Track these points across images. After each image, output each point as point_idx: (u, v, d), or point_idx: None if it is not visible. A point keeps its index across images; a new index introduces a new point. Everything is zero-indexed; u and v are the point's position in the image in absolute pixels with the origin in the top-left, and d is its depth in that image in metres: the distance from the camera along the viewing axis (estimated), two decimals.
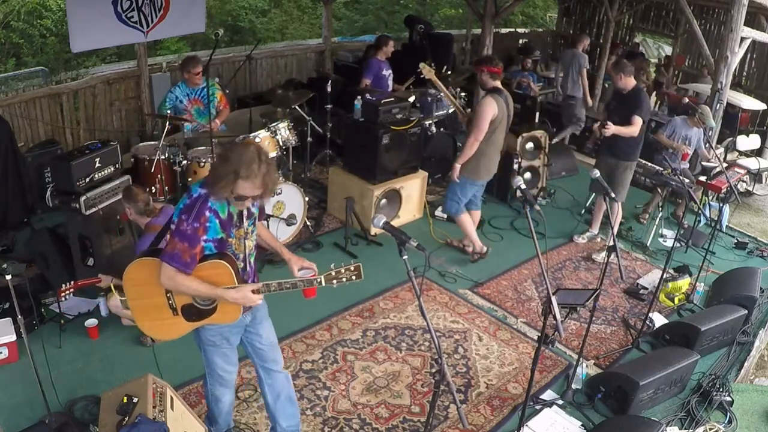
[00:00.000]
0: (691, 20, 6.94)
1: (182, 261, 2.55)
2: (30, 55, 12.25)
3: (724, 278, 5.25)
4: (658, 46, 15.16)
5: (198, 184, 2.63)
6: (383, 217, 2.66)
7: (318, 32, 11.59)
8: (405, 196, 5.81)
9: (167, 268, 2.56)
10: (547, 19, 17.14)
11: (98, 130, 6.92)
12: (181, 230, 2.54)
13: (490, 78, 4.81)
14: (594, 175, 4.07)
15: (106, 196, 4.29)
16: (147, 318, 2.81)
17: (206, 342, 2.91)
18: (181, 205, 2.60)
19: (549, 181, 7.03)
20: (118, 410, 2.87)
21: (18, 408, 3.45)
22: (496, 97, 4.78)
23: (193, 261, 2.59)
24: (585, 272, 5.46)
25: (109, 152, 4.34)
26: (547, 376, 4.09)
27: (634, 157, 5.42)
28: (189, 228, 2.54)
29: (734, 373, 4.26)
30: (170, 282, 2.60)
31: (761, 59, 10.21)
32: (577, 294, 3.58)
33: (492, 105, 4.73)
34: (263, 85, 8.54)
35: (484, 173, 5.05)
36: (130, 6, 6.31)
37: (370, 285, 4.89)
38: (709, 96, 6.77)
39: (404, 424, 3.59)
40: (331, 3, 9.43)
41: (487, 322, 4.61)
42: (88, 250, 4.31)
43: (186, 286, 2.61)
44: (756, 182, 7.93)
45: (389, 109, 5.46)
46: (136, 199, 3.94)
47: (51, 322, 4.16)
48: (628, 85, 5.23)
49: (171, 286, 2.63)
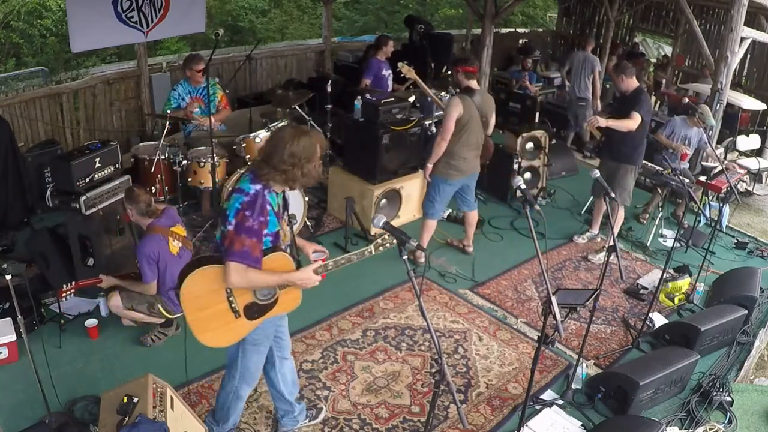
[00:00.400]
0: (691, 20, 6.94)
1: (253, 257, 2.59)
2: (30, 55, 12.25)
3: (724, 278, 5.25)
4: (658, 46, 15.16)
5: (247, 180, 2.66)
6: (383, 217, 2.66)
7: (318, 32, 11.59)
8: (405, 196, 5.81)
9: (239, 267, 2.57)
10: (547, 19, 17.14)
11: (98, 130, 6.92)
12: (247, 227, 2.56)
13: (464, 77, 4.79)
14: (594, 175, 4.07)
15: (106, 196, 4.29)
16: (209, 329, 2.75)
17: (249, 342, 2.90)
18: (236, 204, 2.60)
19: (549, 181, 7.02)
20: (118, 410, 2.87)
21: (18, 408, 3.45)
22: (463, 97, 4.74)
23: (261, 255, 2.65)
24: (585, 272, 5.46)
25: (109, 152, 4.34)
26: (547, 376, 4.09)
27: (635, 161, 5.35)
28: (255, 223, 2.58)
29: (734, 373, 4.26)
30: (243, 280, 2.61)
31: (761, 59, 10.21)
32: (577, 294, 3.58)
33: (457, 105, 4.71)
34: (263, 85, 8.54)
35: (455, 173, 4.94)
36: (130, 6, 6.31)
37: (370, 285, 4.89)
38: (709, 96, 6.77)
39: (404, 424, 3.59)
40: (331, 3, 9.43)
41: (487, 322, 4.61)
42: (88, 250, 4.31)
43: (259, 279, 2.66)
44: (756, 182, 7.93)
45: (389, 109, 5.47)
46: (138, 200, 3.93)
47: (51, 322, 4.16)
48: (630, 87, 5.21)
49: (243, 283, 2.64)
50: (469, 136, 4.82)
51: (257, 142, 5.30)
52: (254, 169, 2.70)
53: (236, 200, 2.62)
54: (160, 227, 3.94)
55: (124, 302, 3.95)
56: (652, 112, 5.39)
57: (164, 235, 3.91)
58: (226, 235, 2.61)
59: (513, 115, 8.63)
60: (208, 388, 3.72)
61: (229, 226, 2.60)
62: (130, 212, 3.99)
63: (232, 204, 2.63)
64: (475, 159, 5.02)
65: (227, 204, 2.68)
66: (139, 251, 3.84)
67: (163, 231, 3.93)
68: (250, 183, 2.64)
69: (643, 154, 5.42)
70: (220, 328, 2.77)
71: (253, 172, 2.69)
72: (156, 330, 4.08)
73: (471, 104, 4.74)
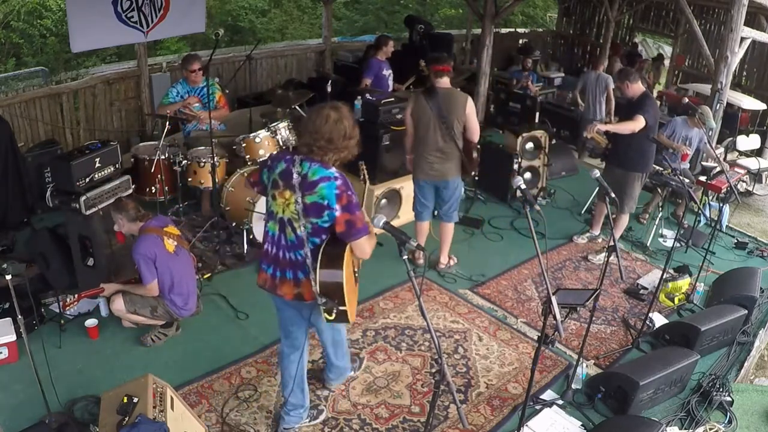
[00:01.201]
0: (691, 20, 6.94)
1: (366, 226, 2.87)
2: (30, 55, 12.25)
3: (724, 278, 5.25)
4: (658, 46, 15.16)
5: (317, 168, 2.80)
6: (383, 217, 2.65)
7: (318, 32, 11.59)
8: (405, 196, 5.81)
9: (364, 239, 2.84)
10: (547, 19, 17.15)
11: (98, 130, 6.92)
12: (354, 203, 2.81)
13: (432, 75, 4.68)
14: (594, 176, 4.06)
15: (106, 196, 4.29)
16: (351, 304, 2.95)
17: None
18: (333, 190, 2.76)
19: (549, 181, 7.03)
20: (118, 410, 2.88)
21: (18, 408, 3.45)
22: (417, 95, 4.72)
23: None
24: (585, 272, 5.46)
25: (109, 152, 4.33)
26: (547, 376, 4.09)
27: (641, 168, 5.29)
28: (354, 198, 2.82)
29: (734, 373, 4.26)
30: (370, 248, 2.90)
31: (761, 59, 10.21)
32: (577, 294, 3.57)
33: (410, 102, 4.72)
34: (263, 85, 8.54)
35: (418, 172, 4.85)
36: (130, 6, 6.31)
37: (370, 285, 4.89)
38: (709, 96, 6.77)
39: (404, 424, 3.59)
40: (331, 3, 9.43)
41: (487, 322, 4.61)
42: (88, 250, 4.31)
43: (373, 242, 2.96)
44: (756, 182, 7.93)
45: (389, 109, 5.46)
46: (126, 207, 3.96)
47: (51, 322, 4.16)
48: (636, 92, 5.17)
49: (369, 251, 2.91)
50: (424, 133, 4.67)
51: (257, 142, 5.30)
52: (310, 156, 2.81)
53: (329, 187, 2.76)
54: (153, 228, 3.95)
55: (127, 306, 3.95)
56: (659, 116, 5.31)
57: (158, 235, 3.91)
58: (338, 220, 2.78)
59: (513, 115, 8.64)
60: (208, 388, 3.71)
61: (335, 212, 2.77)
62: (121, 223, 3.98)
63: (325, 193, 2.76)
64: (440, 163, 4.74)
65: (312, 198, 2.78)
66: (135, 252, 3.83)
67: (156, 231, 3.93)
68: (325, 169, 2.80)
69: (652, 160, 5.33)
70: (354, 302, 3.03)
71: (310, 158, 2.81)
72: (156, 330, 4.08)
73: (423, 104, 4.61)
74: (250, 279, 4.89)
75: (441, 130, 4.64)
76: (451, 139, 4.67)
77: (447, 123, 4.61)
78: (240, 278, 4.90)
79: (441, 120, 4.60)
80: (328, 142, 2.77)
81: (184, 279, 4.01)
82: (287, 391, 3.31)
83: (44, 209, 5.44)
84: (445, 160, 4.74)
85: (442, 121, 4.60)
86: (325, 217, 2.79)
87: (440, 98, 4.60)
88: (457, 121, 4.63)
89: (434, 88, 4.65)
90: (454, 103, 4.62)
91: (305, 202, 2.79)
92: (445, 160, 4.75)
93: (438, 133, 4.65)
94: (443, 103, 4.60)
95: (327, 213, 2.78)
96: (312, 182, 2.78)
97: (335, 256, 2.80)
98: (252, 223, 5.06)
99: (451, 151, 4.71)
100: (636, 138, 5.10)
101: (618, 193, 4.82)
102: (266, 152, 5.33)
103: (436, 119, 4.60)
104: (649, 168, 5.39)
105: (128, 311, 3.96)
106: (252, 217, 5.02)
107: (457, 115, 4.62)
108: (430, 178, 4.83)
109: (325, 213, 2.78)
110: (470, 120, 4.66)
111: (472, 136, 4.72)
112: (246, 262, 5.09)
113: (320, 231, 2.84)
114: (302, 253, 2.87)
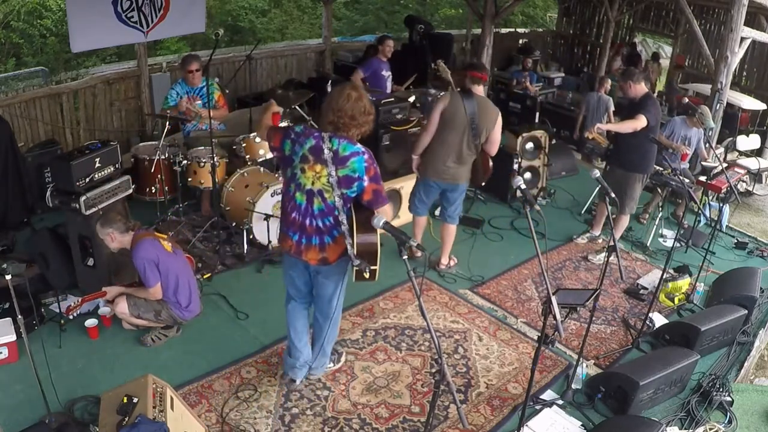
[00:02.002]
0: (691, 20, 6.94)
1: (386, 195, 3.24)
2: (30, 55, 12.25)
3: (724, 278, 5.25)
4: (658, 46, 15.17)
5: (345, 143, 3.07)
6: (383, 217, 2.66)
7: (318, 32, 11.60)
8: (405, 196, 5.79)
9: (389, 206, 3.24)
10: (547, 19, 17.15)
11: (98, 130, 6.92)
12: (378, 175, 3.15)
13: (469, 81, 4.65)
14: (594, 176, 4.06)
15: (106, 196, 4.28)
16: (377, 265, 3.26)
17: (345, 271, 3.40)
18: (362, 164, 3.08)
19: (549, 181, 7.03)
20: (118, 410, 2.88)
21: (18, 408, 3.44)
22: (454, 94, 4.61)
23: None
24: (585, 272, 5.46)
25: (109, 152, 4.33)
26: (547, 376, 4.09)
27: (642, 168, 5.28)
28: (378, 170, 3.15)
29: (734, 373, 4.26)
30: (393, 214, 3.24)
31: (761, 59, 10.21)
32: (577, 294, 3.57)
33: (444, 99, 4.62)
34: (263, 85, 8.54)
35: (431, 172, 4.82)
36: (130, 6, 6.31)
37: (370, 285, 4.87)
38: (709, 96, 6.77)
39: (404, 424, 3.59)
40: (331, 3, 9.43)
41: (487, 322, 4.61)
42: (88, 250, 4.31)
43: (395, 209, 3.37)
44: (756, 182, 7.93)
45: (389, 109, 5.47)
46: (115, 219, 3.89)
47: (51, 322, 4.16)
48: (639, 93, 5.15)
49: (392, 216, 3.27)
50: (448, 135, 4.62)
51: (257, 142, 5.30)
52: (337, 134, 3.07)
53: (359, 161, 3.08)
54: (145, 233, 3.94)
55: (131, 309, 3.94)
56: (660, 117, 5.30)
57: (153, 238, 3.91)
58: (366, 190, 3.12)
59: (513, 115, 8.64)
60: (208, 388, 3.71)
61: (363, 182, 3.10)
62: (111, 237, 3.87)
63: (356, 166, 3.08)
64: (455, 167, 4.74)
65: (344, 171, 3.07)
66: (136, 258, 3.79)
67: (150, 234, 3.92)
68: (351, 144, 3.09)
69: (653, 161, 5.32)
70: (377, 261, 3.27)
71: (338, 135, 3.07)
72: (157, 331, 4.08)
73: (460, 104, 4.57)
74: (250, 279, 4.91)
75: (468, 136, 4.62)
76: (474, 147, 4.67)
77: (476, 131, 4.60)
78: (240, 278, 4.90)
79: (471, 126, 4.58)
80: (351, 118, 3.04)
81: (185, 277, 4.01)
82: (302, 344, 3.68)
83: (44, 209, 5.44)
84: (460, 165, 4.75)
85: (472, 127, 4.58)
86: (354, 187, 3.11)
87: (476, 105, 4.58)
88: (485, 131, 4.64)
89: (471, 93, 4.63)
90: (488, 114, 4.62)
91: (338, 175, 3.07)
92: (460, 166, 4.75)
93: (465, 139, 4.63)
94: (478, 110, 4.58)
95: (357, 184, 3.10)
96: (344, 157, 3.07)
97: (368, 221, 2.98)
98: (252, 223, 5.06)
99: (470, 158, 4.73)
100: (637, 138, 5.09)
101: (618, 194, 4.82)
102: (266, 152, 5.33)
103: (467, 124, 4.58)
104: (650, 169, 5.38)
105: (132, 315, 3.96)
106: (252, 217, 5.02)
107: (487, 126, 4.63)
108: (443, 180, 4.81)
109: (355, 184, 3.10)
110: (496, 133, 4.70)
111: (491, 149, 4.75)
112: (246, 262, 5.09)
113: (348, 200, 3.15)
114: (330, 220, 3.17)
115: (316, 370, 3.81)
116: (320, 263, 3.28)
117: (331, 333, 3.66)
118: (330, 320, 3.55)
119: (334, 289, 3.44)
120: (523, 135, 6.57)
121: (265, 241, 5.18)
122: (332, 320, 3.56)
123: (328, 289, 3.44)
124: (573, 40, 13.08)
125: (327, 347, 3.74)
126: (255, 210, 4.98)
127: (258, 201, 4.96)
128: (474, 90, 4.64)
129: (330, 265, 3.29)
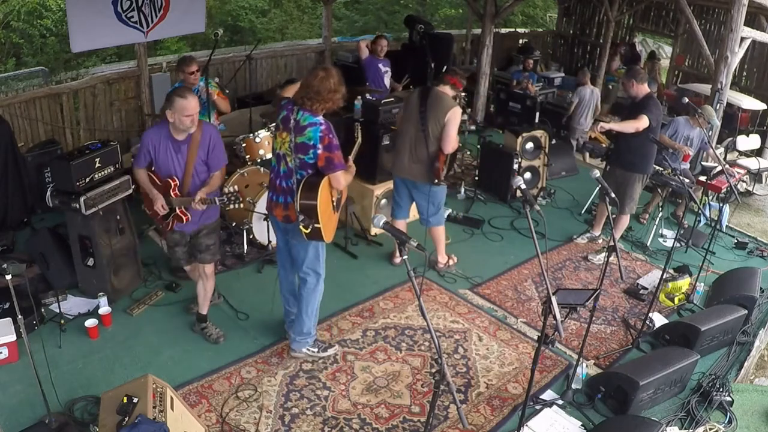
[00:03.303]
0: (691, 20, 6.94)
1: (343, 164, 3.56)
2: (30, 55, 12.24)
3: (724, 278, 5.25)
4: (658, 46, 15.17)
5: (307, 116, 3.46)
6: (383, 217, 2.66)
7: (318, 32, 11.60)
8: None
9: (341, 173, 3.53)
10: (547, 19, 17.14)
11: (98, 130, 6.92)
12: (334, 143, 3.48)
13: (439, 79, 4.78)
14: (594, 176, 4.06)
15: (106, 196, 4.28)
16: (329, 228, 3.63)
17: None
18: (317, 133, 3.43)
19: (549, 181, 7.03)
20: (118, 410, 2.87)
21: (18, 408, 3.45)
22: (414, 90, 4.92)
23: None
24: (585, 272, 5.46)
25: (109, 152, 4.33)
26: (547, 376, 4.09)
27: (642, 169, 5.28)
28: (335, 140, 3.48)
29: (734, 373, 4.26)
30: (346, 181, 3.61)
31: (761, 59, 10.21)
32: (577, 294, 3.57)
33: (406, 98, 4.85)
34: (263, 85, 8.54)
35: (395, 168, 4.89)
36: (130, 6, 6.30)
37: (370, 285, 4.90)
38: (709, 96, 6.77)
39: (404, 424, 3.60)
40: (331, 3, 9.43)
41: (487, 322, 4.61)
42: (88, 250, 4.31)
43: (350, 177, 3.71)
44: (756, 182, 7.93)
45: (389, 109, 5.46)
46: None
47: (51, 322, 4.16)
48: (641, 92, 5.13)
49: (345, 183, 3.61)
50: (404, 126, 4.76)
51: (257, 142, 5.29)
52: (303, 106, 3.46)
53: (315, 131, 3.43)
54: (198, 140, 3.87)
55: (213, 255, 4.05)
56: (661, 118, 5.30)
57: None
58: (320, 157, 3.46)
59: (513, 115, 8.64)
60: (208, 388, 3.72)
61: (318, 150, 3.45)
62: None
63: (311, 135, 3.44)
64: (409, 162, 4.72)
65: (301, 138, 3.45)
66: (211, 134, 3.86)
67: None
68: (312, 116, 3.46)
69: (653, 161, 5.32)
70: (330, 224, 3.65)
71: (303, 108, 3.46)
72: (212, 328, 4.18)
73: (414, 100, 4.71)
74: (250, 279, 4.91)
75: (417, 128, 4.66)
76: (423, 140, 4.64)
77: (424, 121, 4.61)
78: (240, 278, 4.90)
79: (420, 117, 4.63)
80: (316, 93, 3.42)
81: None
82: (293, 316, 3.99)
83: (44, 209, 5.44)
84: (414, 160, 4.73)
85: (421, 117, 4.63)
86: (310, 154, 3.47)
87: (431, 98, 4.63)
88: (434, 122, 4.58)
89: (434, 90, 4.66)
90: (438, 105, 4.59)
91: (296, 141, 3.47)
92: (414, 161, 4.73)
93: (413, 130, 4.69)
94: (430, 102, 4.62)
95: (312, 151, 3.46)
96: (302, 126, 3.46)
97: (313, 184, 3.48)
98: (252, 223, 5.06)
99: (423, 153, 4.67)
100: (637, 139, 5.09)
101: (619, 194, 4.80)
102: (266, 152, 5.33)
103: (417, 116, 4.66)
104: (650, 169, 5.38)
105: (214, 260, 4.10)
106: (252, 217, 5.02)
107: (436, 116, 4.57)
108: (403, 175, 4.86)
109: (311, 151, 3.46)
110: (448, 128, 4.57)
111: (444, 145, 4.60)
112: (246, 262, 5.09)
113: (306, 166, 3.51)
114: (291, 182, 3.54)
115: (295, 343, 4.00)
116: (284, 220, 3.65)
117: (307, 302, 3.87)
118: (305, 288, 3.84)
119: (305, 254, 3.75)
120: (523, 135, 6.57)
121: (265, 241, 5.18)
122: (307, 288, 3.84)
123: (300, 252, 3.76)
124: (573, 40, 13.08)
125: (305, 318, 3.90)
126: (255, 210, 4.98)
127: (258, 201, 4.96)
128: (439, 88, 4.68)
129: (293, 223, 3.60)
